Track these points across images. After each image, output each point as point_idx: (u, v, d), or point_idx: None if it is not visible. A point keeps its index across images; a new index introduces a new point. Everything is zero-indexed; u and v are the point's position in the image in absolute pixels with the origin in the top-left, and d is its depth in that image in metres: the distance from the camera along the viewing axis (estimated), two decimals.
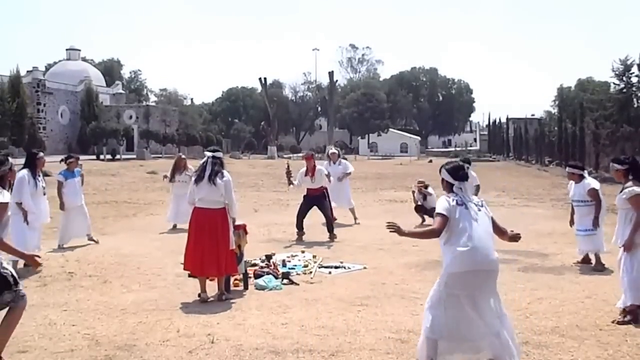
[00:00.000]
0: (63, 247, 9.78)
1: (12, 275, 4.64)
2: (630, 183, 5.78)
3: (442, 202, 4.56)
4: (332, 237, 10.73)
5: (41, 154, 8.86)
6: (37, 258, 4.85)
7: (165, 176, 12.80)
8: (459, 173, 4.66)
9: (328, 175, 11.14)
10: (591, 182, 8.17)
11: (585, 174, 8.38)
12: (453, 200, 4.52)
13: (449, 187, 4.67)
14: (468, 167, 10.76)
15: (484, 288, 4.43)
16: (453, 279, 4.40)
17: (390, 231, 4.50)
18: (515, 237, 4.81)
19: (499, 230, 4.81)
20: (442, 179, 4.75)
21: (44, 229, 9.39)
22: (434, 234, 4.53)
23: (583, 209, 8.16)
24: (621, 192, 5.84)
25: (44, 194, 8.72)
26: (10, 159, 4.99)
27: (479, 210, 4.56)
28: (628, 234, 5.73)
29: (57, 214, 10.05)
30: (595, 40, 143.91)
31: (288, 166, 11.22)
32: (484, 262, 4.38)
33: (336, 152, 13.91)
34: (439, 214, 4.51)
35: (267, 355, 4.84)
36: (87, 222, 10.25)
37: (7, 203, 4.65)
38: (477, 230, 4.45)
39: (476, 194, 10.55)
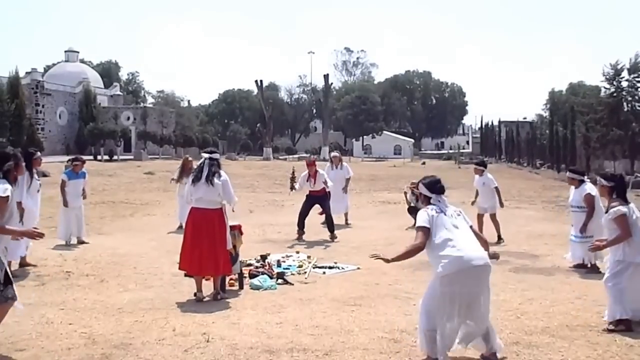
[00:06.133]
0: (68, 244, 9.93)
1: (6, 275, 4.65)
2: (616, 203, 5.73)
3: (421, 215, 4.72)
4: (333, 237, 10.84)
5: (38, 153, 8.97)
6: (35, 230, 4.90)
7: (172, 179, 12.93)
8: (435, 186, 4.85)
9: (325, 183, 11.28)
10: (589, 188, 8.03)
11: (586, 179, 8.30)
12: (432, 210, 4.70)
13: (426, 201, 4.86)
14: (484, 170, 11.03)
15: (479, 284, 4.54)
16: (447, 280, 4.51)
17: (377, 259, 4.71)
18: (494, 256, 4.98)
19: (478, 238, 4.92)
20: (420, 194, 4.96)
21: (42, 229, 9.40)
22: (418, 249, 4.65)
23: (580, 214, 8.07)
24: (606, 212, 5.80)
25: (38, 191, 8.80)
26: (18, 155, 5.02)
27: (458, 216, 4.75)
28: (615, 252, 5.71)
29: (56, 213, 10.11)
30: (587, 45, 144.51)
31: (293, 172, 11.58)
32: (473, 258, 4.50)
33: (338, 155, 13.85)
34: (420, 227, 4.65)
35: (262, 354, 4.87)
36: (82, 225, 10.40)
37: (7, 197, 4.63)
38: (459, 232, 4.61)
39: (498, 195, 10.77)
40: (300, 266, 8.27)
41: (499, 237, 10.49)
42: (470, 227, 4.81)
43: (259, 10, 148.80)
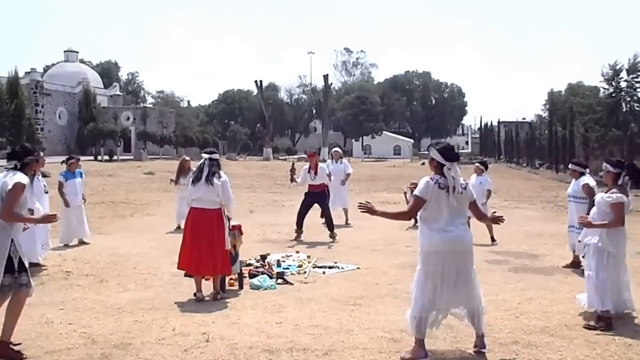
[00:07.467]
0: (68, 245, 9.96)
1: (20, 262, 4.79)
2: (617, 190, 5.74)
3: (422, 184, 4.59)
4: (333, 235, 10.85)
5: (41, 153, 8.99)
6: (49, 215, 5.19)
7: (171, 180, 12.99)
8: (451, 154, 4.61)
9: (329, 175, 11.44)
10: (587, 179, 8.08)
11: (586, 172, 8.34)
12: (435, 182, 4.55)
13: (439, 168, 4.63)
14: (484, 170, 11.13)
15: (460, 265, 4.63)
16: (429, 257, 4.60)
17: (362, 211, 4.68)
18: (497, 219, 4.98)
19: (478, 214, 4.99)
20: (432, 159, 4.69)
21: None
22: (405, 216, 4.68)
23: (576, 205, 8.10)
24: (606, 192, 5.80)
25: (46, 192, 8.82)
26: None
27: (461, 193, 4.61)
28: (593, 235, 5.76)
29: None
30: (586, 46, 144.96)
31: (293, 164, 11.79)
32: (455, 244, 4.56)
33: (339, 151, 14.24)
34: (417, 196, 4.59)
35: (262, 354, 4.88)
36: (84, 225, 10.39)
37: (24, 184, 4.79)
38: (452, 213, 4.57)
39: (488, 196, 10.85)
40: (300, 266, 8.28)
41: (492, 239, 10.43)
42: (472, 202, 4.79)
43: (259, 10, 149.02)
